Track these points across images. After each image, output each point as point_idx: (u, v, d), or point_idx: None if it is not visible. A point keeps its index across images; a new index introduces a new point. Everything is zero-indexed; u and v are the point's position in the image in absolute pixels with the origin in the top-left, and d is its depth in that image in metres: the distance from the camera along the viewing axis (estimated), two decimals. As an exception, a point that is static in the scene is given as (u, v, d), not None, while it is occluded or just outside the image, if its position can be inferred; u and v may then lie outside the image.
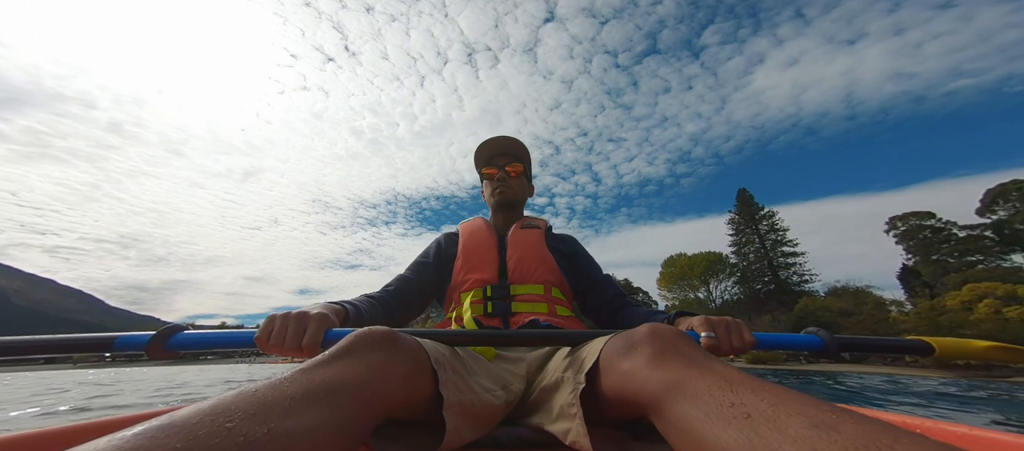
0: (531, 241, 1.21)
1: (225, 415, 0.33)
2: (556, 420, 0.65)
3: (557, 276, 1.15)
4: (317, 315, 0.74)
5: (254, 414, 0.34)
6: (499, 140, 1.34)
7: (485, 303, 1.07)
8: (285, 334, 0.70)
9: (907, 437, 0.28)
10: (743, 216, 52.81)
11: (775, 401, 0.36)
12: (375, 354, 0.51)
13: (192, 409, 0.33)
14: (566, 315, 1.09)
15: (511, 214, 1.35)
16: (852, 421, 0.31)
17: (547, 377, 0.76)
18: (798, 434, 0.32)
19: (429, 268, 1.23)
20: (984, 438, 0.55)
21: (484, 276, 1.13)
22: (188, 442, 0.29)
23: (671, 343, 0.52)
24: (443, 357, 0.63)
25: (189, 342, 0.79)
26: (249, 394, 0.37)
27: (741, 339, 0.75)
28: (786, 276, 47.15)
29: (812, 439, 0.31)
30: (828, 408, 0.34)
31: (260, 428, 0.33)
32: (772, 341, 0.82)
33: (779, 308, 36.74)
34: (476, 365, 0.75)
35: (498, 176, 1.32)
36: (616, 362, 0.56)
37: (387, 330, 0.56)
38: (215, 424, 0.32)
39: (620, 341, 0.58)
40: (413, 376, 0.55)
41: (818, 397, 0.36)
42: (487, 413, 0.67)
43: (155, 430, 0.30)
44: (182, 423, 0.31)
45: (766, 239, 50.09)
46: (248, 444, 0.32)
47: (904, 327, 26.17)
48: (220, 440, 0.31)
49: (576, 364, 0.67)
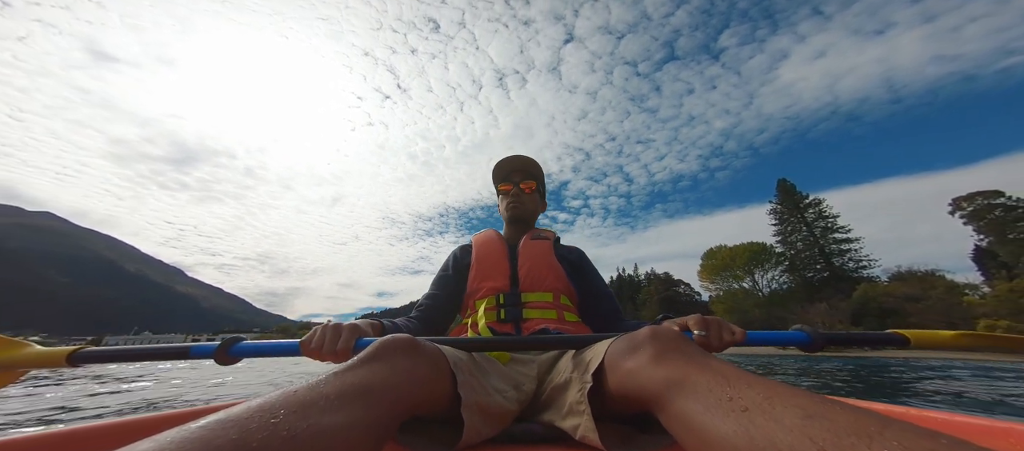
0: (541, 251, 1.22)
1: (271, 412, 0.35)
2: (566, 417, 0.67)
3: (565, 284, 1.16)
4: (350, 325, 0.80)
5: (296, 411, 0.36)
6: (514, 159, 1.36)
7: (498, 309, 1.08)
8: (323, 342, 0.77)
9: (894, 424, 0.28)
10: (786, 205, 48.39)
11: (770, 394, 0.36)
12: (399, 358, 0.53)
13: (243, 406, 0.36)
14: (573, 320, 1.10)
15: (523, 227, 1.35)
16: (842, 411, 0.32)
17: (556, 377, 0.78)
18: (792, 424, 0.32)
19: (450, 280, 1.25)
20: (967, 424, 0.56)
21: (497, 284, 1.14)
22: (241, 434, 0.32)
23: (671, 342, 0.53)
24: (461, 361, 0.66)
25: (247, 350, 0.86)
26: (291, 394, 0.39)
27: (731, 334, 0.78)
28: (841, 263, 42.40)
29: (806, 428, 0.31)
30: (819, 399, 0.34)
31: (301, 423, 0.35)
32: (761, 337, 0.84)
33: (835, 296, 32.99)
34: (490, 368, 0.79)
35: (513, 191, 1.34)
36: (620, 362, 0.57)
37: (409, 337, 0.58)
38: (263, 419, 0.34)
39: (624, 342, 0.60)
40: (434, 378, 0.57)
41: (810, 390, 0.36)
42: (501, 412, 0.70)
43: (214, 423, 0.32)
44: (235, 418, 0.33)
45: (814, 227, 45.46)
46: (291, 438, 0.34)
47: (982, 311, 22.55)
48: (267, 434, 0.33)
49: (583, 365, 0.69)
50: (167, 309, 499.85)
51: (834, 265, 42.12)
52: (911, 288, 27.44)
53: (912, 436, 0.27)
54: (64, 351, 0.88)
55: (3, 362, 0.88)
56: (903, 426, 0.28)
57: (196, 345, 0.89)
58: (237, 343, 0.86)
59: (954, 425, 0.57)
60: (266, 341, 0.88)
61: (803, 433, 0.31)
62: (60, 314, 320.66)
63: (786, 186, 48.87)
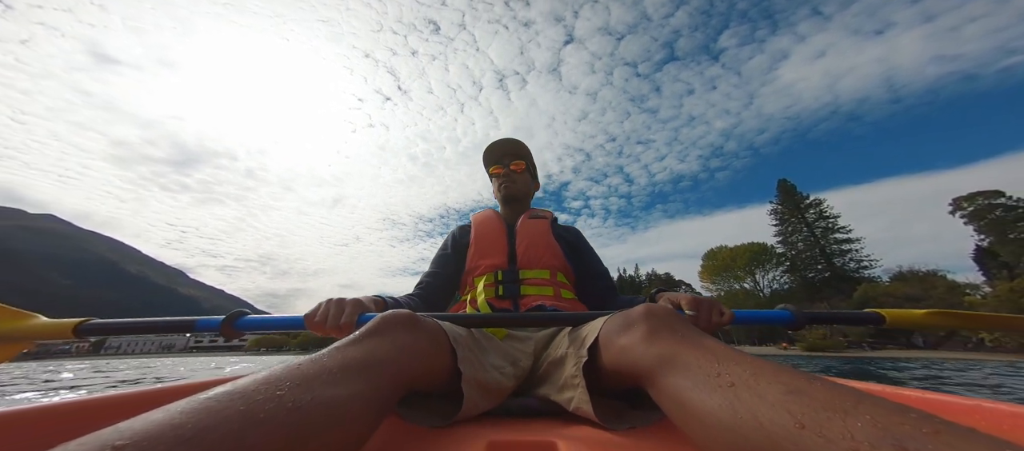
0: (538, 229, 1.24)
1: (276, 384, 0.36)
2: (561, 390, 0.68)
3: (562, 262, 1.18)
4: (353, 300, 0.83)
5: (299, 384, 0.37)
6: (503, 142, 1.39)
7: (496, 286, 1.10)
8: (327, 316, 0.80)
9: (867, 399, 0.30)
10: (787, 206, 48.32)
11: (755, 371, 0.38)
12: (400, 333, 0.54)
13: (249, 379, 0.36)
14: (570, 298, 1.12)
15: (518, 207, 1.37)
16: (822, 386, 0.33)
17: (553, 353, 0.80)
18: (775, 399, 0.34)
19: (450, 259, 1.27)
20: (936, 401, 0.59)
21: (495, 261, 1.16)
22: (248, 405, 0.32)
23: (664, 321, 0.54)
24: (460, 336, 0.68)
25: (252, 324, 0.88)
26: (294, 367, 0.40)
27: (720, 315, 0.80)
28: (842, 263, 42.31)
29: (787, 403, 0.33)
30: (801, 376, 0.36)
31: (305, 395, 0.36)
32: (748, 317, 0.86)
33: (836, 296, 32.94)
34: (488, 344, 0.81)
35: (503, 173, 1.36)
36: (614, 338, 0.59)
37: (409, 313, 0.60)
38: (269, 391, 0.35)
39: (618, 320, 0.61)
40: (434, 353, 0.59)
41: (794, 367, 0.38)
42: (499, 386, 0.71)
43: (221, 394, 0.33)
44: (242, 390, 0.34)
45: (815, 227, 45.38)
46: (296, 409, 0.35)
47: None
48: (274, 405, 0.34)
49: (578, 341, 0.70)
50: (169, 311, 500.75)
51: (835, 265, 42.01)
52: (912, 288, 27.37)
53: (883, 410, 0.29)
54: (71, 322, 0.91)
55: (12, 333, 0.92)
56: (875, 401, 0.30)
57: (202, 319, 0.90)
58: (242, 317, 0.88)
59: (924, 402, 0.60)
60: (270, 316, 0.89)
61: (784, 407, 0.32)
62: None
63: (787, 186, 48.78)
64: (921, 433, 0.26)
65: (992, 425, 0.50)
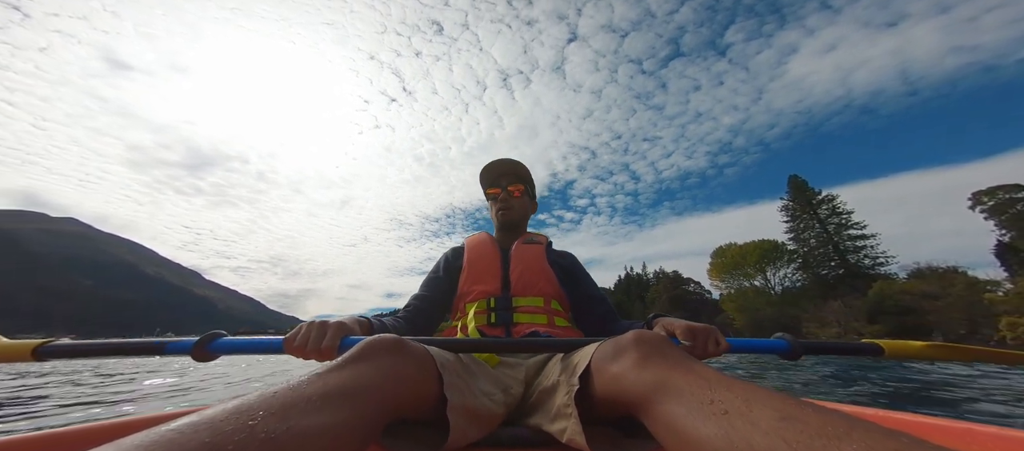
0: (533, 256, 1.21)
1: (248, 414, 0.34)
2: (553, 420, 0.66)
3: (556, 289, 1.16)
4: (335, 323, 0.78)
5: (274, 413, 0.35)
6: (501, 162, 1.35)
7: (488, 313, 1.08)
8: (308, 339, 0.75)
9: (860, 425, 0.30)
10: (798, 202, 47.41)
11: (748, 397, 0.37)
12: (385, 358, 0.52)
13: (218, 408, 0.34)
14: (563, 325, 1.10)
15: (515, 231, 1.35)
16: (815, 413, 0.33)
17: (544, 381, 0.77)
18: (769, 426, 0.33)
19: (441, 282, 1.24)
20: (928, 424, 0.58)
21: (488, 288, 1.14)
22: (214, 437, 0.30)
23: (655, 347, 0.53)
24: (448, 362, 0.65)
25: (227, 346, 0.81)
26: (270, 395, 0.37)
27: (716, 345, 0.78)
28: (856, 260, 41.34)
29: (781, 430, 0.32)
30: (794, 402, 0.35)
31: (280, 425, 0.34)
32: (743, 345, 0.85)
33: (850, 293, 32.21)
34: (478, 370, 0.77)
35: (501, 196, 1.33)
36: (606, 366, 0.57)
37: (395, 337, 0.57)
38: (240, 421, 0.32)
39: (609, 347, 0.60)
40: (420, 379, 0.56)
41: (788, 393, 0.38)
42: (488, 415, 0.69)
43: (185, 426, 0.31)
44: (210, 420, 0.32)
45: (828, 223, 44.43)
46: (269, 440, 0.32)
47: (1003, 309, 21.68)
48: (244, 436, 0.31)
49: (570, 368, 0.68)
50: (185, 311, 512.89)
51: (849, 262, 41.13)
52: (930, 285, 26.62)
53: (876, 436, 0.29)
54: (29, 344, 0.83)
55: None
56: (868, 427, 0.30)
57: (172, 341, 0.83)
58: (217, 339, 0.82)
59: (916, 425, 0.60)
60: (248, 338, 0.83)
61: (778, 435, 0.32)
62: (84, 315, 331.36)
63: (797, 182, 47.89)
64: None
65: (984, 450, 0.49)
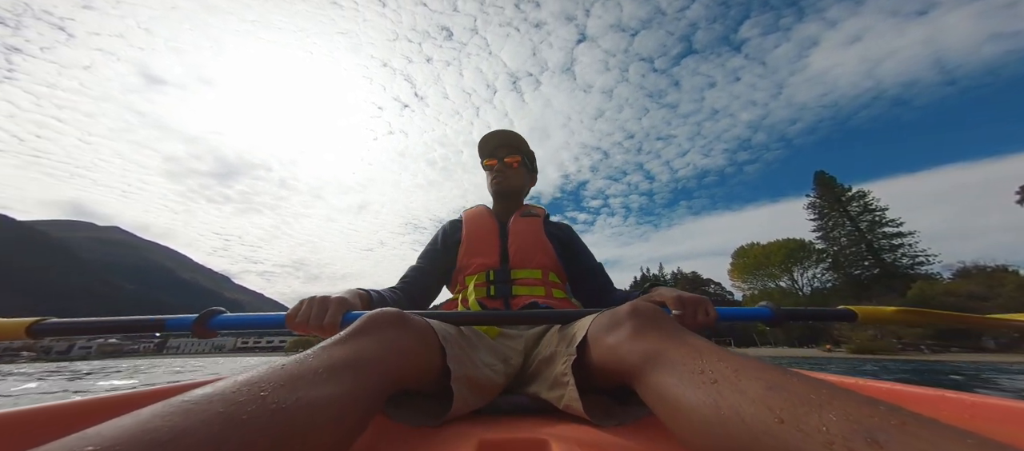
0: (531, 229, 1.21)
1: (259, 385, 0.35)
2: (551, 388, 0.68)
3: (554, 261, 1.16)
4: (337, 298, 0.79)
5: (283, 385, 0.36)
6: (498, 133, 1.33)
7: (488, 286, 1.08)
8: (310, 315, 0.76)
9: (841, 393, 0.32)
10: (826, 199, 45.30)
11: (737, 367, 0.39)
12: (387, 332, 0.53)
13: (230, 380, 0.35)
14: (561, 297, 1.11)
15: (511, 203, 1.33)
16: (800, 382, 0.34)
17: (543, 351, 0.79)
18: (756, 395, 0.35)
19: (438, 255, 1.24)
20: (907, 392, 0.60)
21: (487, 261, 1.13)
22: (228, 407, 0.31)
23: (650, 319, 0.55)
24: (450, 334, 0.66)
25: (228, 323, 0.81)
26: (278, 368, 0.39)
27: (706, 315, 0.80)
28: (892, 259, 39.05)
29: (767, 398, 0.34)
30: (781, 372, 0.37)
31: (289, 396, 0.35)
32: (731, 314, 0.88)
33: (887, 294, 30.44)
34: (479, 341, 0.79)
35: (497, 167, 1.31)
36: (602, 336, 0.59)
37: (397, 311, 0.58)
38: (251, 393, 0.34)
39: (605, 318, 0.62)
40: (422, 351, 0.58)
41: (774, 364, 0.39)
42: (489, 384, 0.71)
43: (199, 396, 0.32)
44: (223, 391, 0.33)
45: (860, 221, 42.22)
46: (280, 410, 0.33)
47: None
48: (256, 407, 0.32)
49: (567, 339, 0.70)
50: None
51: (885, 261, 38.87)
52: (976, 285, 24.82)
53: (854, 403, 0.30)
54: (24, 322, 0.81)
55: None
56: (848, 394, 0.31)
57: (172, 318, 0.82)
58: (217, 316, 0.81)
59: (892, 393, 0.62)
60: (249, 315, 0.82)
61: (764, 403, 0.33)
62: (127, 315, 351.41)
63: (824, 179, 45.72)
64: (889, 424, 0.28)
65: (954, 415, 0.52)
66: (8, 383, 7.23)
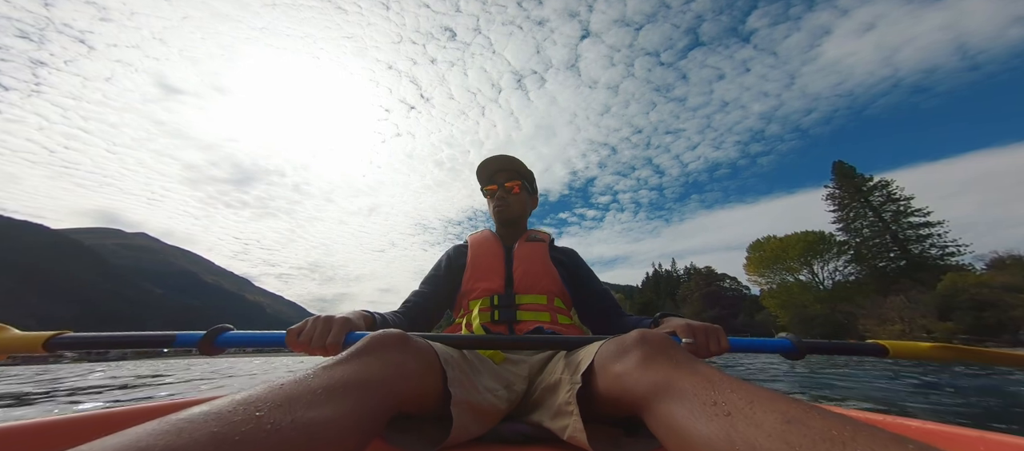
0: (536, 253, 1.22)
1: (255, 405, 0.34)
2: (555, 417, 0.66)
3: (559, 286, 1.16)
4: (340, 319, 0.79)
5: (280, 405, 0.35)
6: (497, 159, 1.33)
7: (492, 311, 1.08)
8: (312, 335, 0.75)
9: (865, 429, 0.30)
10: (846, 189, 43.73)
11: (752, 399, 0.37)
12: (389, 353, 0.52)
13: (227, 399, 0.35)
14: (566, 323, 1.11)
15: (514, 228, 1.34)
16: (819, 416, 0.32)
17: (547, 378, 0.77)
18: (772, 429, 0.33)
19: (442, 280, 1.24)
20: (936, 431, 0.57)
21: (492, 285, 1.14)
22: (223, 427, 0.31)
23: (658, 347, 0.53)
24: (452, 358, 0.65)
25: (233, 340, 0.83)
26: (276, 387, 0.38)
27: (718, 344, 0.78)
28: (920, 250, 37.44)
29: (785, 433, 0.32)
30: (798, 405, 0.35)
31: (285, 417, 0.35)
32: (746, 345, 0.84)
33: (915, 287, 29.20)
34: (482, 366, 0.78)
35: (498, 193, 1.32)
36: (609, 365, 0.57)
37: (400, 332, 0.58)
38: (247, 412, 0.33)
39: (613, 346, 0.60)
40: (424, 374, 0.57)
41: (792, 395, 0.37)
42: (491, 410, 0.69)
43: (194, 415, 0.31)
44: (218, 410, 0.33)
45: (883, 211, 40.63)
46: (275, 431, 0.33)
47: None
48: (251, 427, 0.32)
49: (573, 366, 0.68)
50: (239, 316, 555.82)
51: (911, 253, 37.33)
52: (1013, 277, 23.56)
53: (881, 441, 0.28)
54: (41, 336, 0.84)
55: None
56: (873, 431, 0.29)
57: (182, 334, 0.85)
58: (223, 333, 0.84)
59: (924, 432, 0.59)
60: (253, 332, 0.85)
61: (781, 438, 0.32)
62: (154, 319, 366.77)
63: (844, 168, 44.14)
64: None
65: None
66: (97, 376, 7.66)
